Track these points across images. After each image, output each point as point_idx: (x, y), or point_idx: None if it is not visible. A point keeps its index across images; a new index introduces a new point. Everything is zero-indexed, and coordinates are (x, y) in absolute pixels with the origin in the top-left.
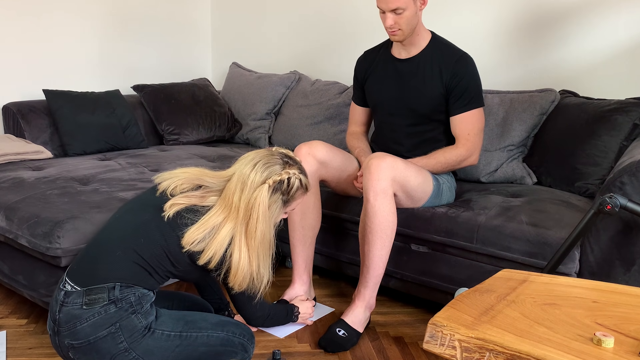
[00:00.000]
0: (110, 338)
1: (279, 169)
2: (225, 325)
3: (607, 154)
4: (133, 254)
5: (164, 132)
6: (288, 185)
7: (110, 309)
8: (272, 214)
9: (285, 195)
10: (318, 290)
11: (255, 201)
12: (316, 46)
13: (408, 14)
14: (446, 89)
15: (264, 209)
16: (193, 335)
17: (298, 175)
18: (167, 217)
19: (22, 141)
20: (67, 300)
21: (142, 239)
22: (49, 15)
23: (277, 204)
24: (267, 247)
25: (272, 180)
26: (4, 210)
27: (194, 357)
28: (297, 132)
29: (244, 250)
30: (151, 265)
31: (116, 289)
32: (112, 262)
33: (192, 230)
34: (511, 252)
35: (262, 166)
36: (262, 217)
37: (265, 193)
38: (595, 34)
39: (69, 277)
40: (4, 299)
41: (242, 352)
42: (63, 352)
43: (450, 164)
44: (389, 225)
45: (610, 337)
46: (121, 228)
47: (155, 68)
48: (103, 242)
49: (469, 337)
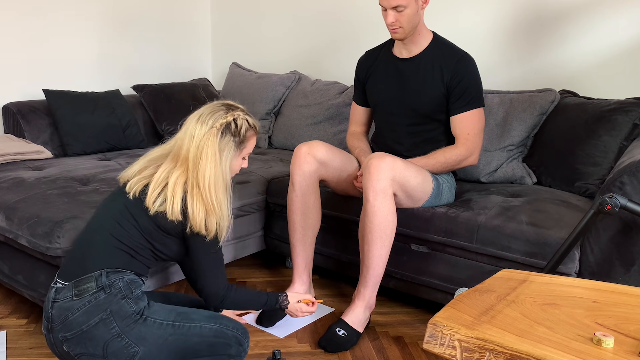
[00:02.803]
0: (102, 325)
1: (223, 114)
2: (218, 318)
3: (607, 154)
4: (112, 239)
5: (164, 132)
6: (236, 126)
7: (99, 296)
8: (226, 158)
9: (237, 137)
10: (318, 290)
11: (204, 147)
12: (316, 46)
13: (409, 12)
14: (447, 89)
15: (214, 152)
16: (186, 325)
17: (243, 116)
18: (131, 196)
19: (22, 141)
20: (57, 297)
21: (116, 224)
22: (49, 16)
23: (229, 146)
24: (221, 187)
25: (218, 124)
26: (4, 210)
27: (187, 347)
28: (297, 132)
29: (196, 194)
30: (132, 248)
31: (103, 276)
32: (94, 252)
33: (149, 191)
34: (511, 252)
35: (207, 116)
36: (212, 161)
37: (213, 137)
38: (595, 34)
39: (59, 277)
40: (4, 299)
41: (237, 345)
42: (58, 349)
43: (450, 163)
44: (388, 225)
45: (610, 337)
46: (97, 222)
47: (155, 68)
48: (84, 239)
49: (469, 337)
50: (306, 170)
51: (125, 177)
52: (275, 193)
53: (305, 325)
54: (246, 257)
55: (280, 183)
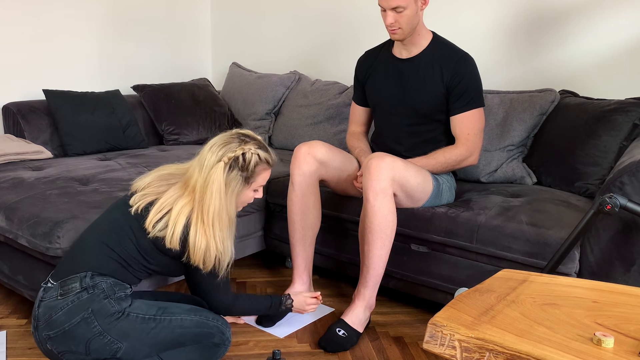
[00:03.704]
0: (83, 323)
1: (234, 147)
2: (198, 310)
3: (607, 154)
4: (105, 248)
5: (164, 132)
6: (244, 160)
7: (82, 295)
8: (233, 192)
9: (245, 172)
10: (318, 290)
11: (210, 179)
12: (316, 46)
13: (408, 13)
14: (447, 89)
15: (219, 186)
16: (167, 318)
17: (255, 150)
18: (134, 212)
19: (22, 141)
20: (45, 296)
21: (113, 234)
22: (49, 15)
23: (236, 180)
24: (225, 223)
25: (226, 158)
26: (4, 210)
27: (170, 339)
28: (297, 132)
29: (199, 227)
30: (124, 259)
31: (87, 277)
32: (84, 255)
33: (152, 213)
34: (511, 252)
35: (218, 147)
36: (217, 194)
37: (220, 171)
38: (595, 34)
39: (51, 276)
40: (4, 299)
41: (219, 334)
42: (43, 347)
43: (450, 164)
44: (388, 225)
45: (610, 337)
46: (95, 228)
47: (155, 68)
48: (79, 242)
49: (468, 337)
50: (306, 170)
51: (136, 186)
52: (275, 193)
53: (305, 325)
54: (246, 257)
55: (280, 183)
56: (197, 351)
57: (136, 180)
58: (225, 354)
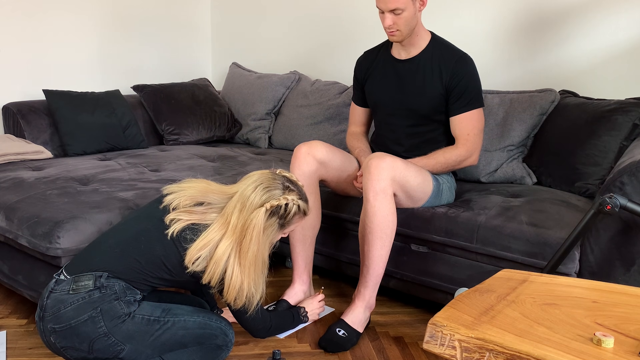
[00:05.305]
0: (90, 322)
1: (278, 194)
2: (201, 312)
3: (607, 154)
4: (130, 257)
5: (164, 132)
6: (285, 210)
7: (94, 294)
8: (268, 236)
9: (282, 220)
10: (318, 290)
11: (251, 222)
12: (316, 46)
13: (407, 15)
14: (446, 90)
15: (259, 231)
16: (171, 320)
17: (296, 201)
18: (170, 234)
19: (22, 141)
20: (56, 288)
21: (142, 245)
22: (49, 15)
23: (273, 227)
24: (260, 266)
25: (269, 204)
26: (4, 210)
27: (174, 341)
28: (297, 132)
29: (236, 268)
30: (147, 272)
31: (103, 277)
32: (105, 256)
33: (193, 248)
34: (511, 252)
35: (263, 189)
36: (256, 238)
37: (261, 216)
38: (595, 34)
39: (65, 269)
40: (4, 299)
41: (222, 335)
42: (46, 338)
43: (450, 164)
44: (388, 225)
45: (610, 337)
46: (122, 232)
47: (155, 68)
48: (103, 242)
49: (469, 337)
50: (306, 170)
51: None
52: None
53: (305, 325)
54: None
55: None
56: (199, 352)
57: (171, 186)
58: (227, 356)
